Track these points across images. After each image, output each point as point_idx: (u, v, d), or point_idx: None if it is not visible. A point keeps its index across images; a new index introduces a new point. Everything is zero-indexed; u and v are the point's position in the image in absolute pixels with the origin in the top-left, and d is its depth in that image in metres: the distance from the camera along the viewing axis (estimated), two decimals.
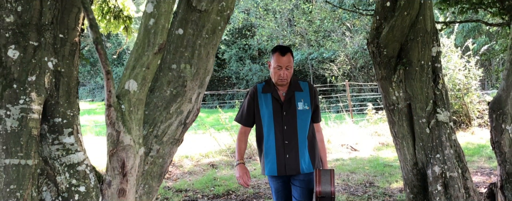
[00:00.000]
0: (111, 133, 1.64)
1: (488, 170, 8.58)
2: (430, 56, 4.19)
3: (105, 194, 1.71)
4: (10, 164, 1.96)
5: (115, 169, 1.67)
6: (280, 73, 4.00)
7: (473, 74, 14.25)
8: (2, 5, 1.98)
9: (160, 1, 1.68)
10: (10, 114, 1.98)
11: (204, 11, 1.88)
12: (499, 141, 4.38)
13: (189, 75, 1.90)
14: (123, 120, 1.66)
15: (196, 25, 1.90)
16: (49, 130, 2.10)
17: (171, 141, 1.94)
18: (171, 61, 1.89)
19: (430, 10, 4.19)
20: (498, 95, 4.37)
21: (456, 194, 4.04)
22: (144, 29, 1.70)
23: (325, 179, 3.81)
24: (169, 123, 1.90)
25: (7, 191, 1.95)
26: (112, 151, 1.66)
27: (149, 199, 1.93)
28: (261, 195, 7.37)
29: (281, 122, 4.07)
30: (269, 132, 4.10)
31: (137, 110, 1.73)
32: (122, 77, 1.73)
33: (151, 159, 1.90)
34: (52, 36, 2.07)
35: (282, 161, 4.07)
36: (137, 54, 1.72)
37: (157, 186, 1.96)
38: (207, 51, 1.93)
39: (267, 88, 4.16)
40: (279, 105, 4.11)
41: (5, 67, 1.99)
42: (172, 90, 1.89)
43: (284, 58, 3.98)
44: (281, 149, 4.07)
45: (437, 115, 4.14)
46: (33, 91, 2.00)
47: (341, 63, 25.87)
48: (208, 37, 1.92)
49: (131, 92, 1.71)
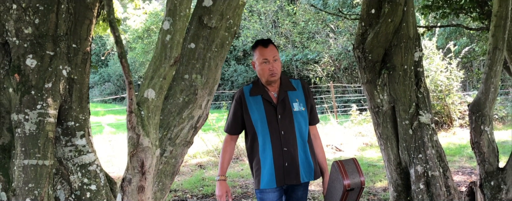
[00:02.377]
0: (131, 136, 1.82)
1: (469, 169, 8.83)
2: (413, 61, 4.39)
3: (126, 191, 1.89)
4: (28, 164, 2.12)
5: (135, 168, 1.85)
6: (269, 67, 3.54)
7: (454, 76, 14.52)
8: (21, 18, 2.14)
9: (176, 19, 1.87)
10: (29, 118, 2.14)
11: (214, 28, 2.08)
12: (478, 141, 4.60)
13: (200, 84, 2.10)
14: (142, 125, 1.84)
15: (207, 40, 2.10)
16: (63, 133, 2.27)
17: (183, 143, 2.13)
18: (183, 72, 2.08)
19: (412, 17, 4.40)
20: (477, 98, 4.59)
21: (437, 192, 4.25)
22: (161, 44, 1.89)
23: (351, 169, 3.33)
24: (181, 127, 2.09)
25: (26, 189, 2.12)
26: (133, 152, 1.84)
27: (162, 195, 2.12)
28: (249, 195, 7.53)
29: (277, 127, 3.59)
30: (264, 139, 3.61)
31: (155, 115, 1.92)
32: (141, 86, 1.91)
33: (165, 159, 2.09)
34: (66, 46, 2.25)
35: (280, 171, 3.61)
36: (155, 66, 1.91)
37: (169, 184, 2.15)
38: (216, 63, 2.13)
39: (255, 90, 3.66)
40: (272, 107, 3.61)
41: (24, 75, 2.15)
42: (185, 98, 2.08)
43: (268, 50, 3.54)
44: (279, 157, 3.59)
45: (420, 116, 4.34)
46: (49, 97, 2.17)
47: (325, 64, 26.10)
48: (217, 51, 2.12)
49: (150, 100, 1.89)
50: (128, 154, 1.87)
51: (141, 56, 31.99)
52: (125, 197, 1.89)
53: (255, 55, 3.60)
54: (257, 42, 3.61)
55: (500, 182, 4.52)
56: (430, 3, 6.79)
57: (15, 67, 2.16)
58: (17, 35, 2.15)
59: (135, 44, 32.66)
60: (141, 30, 31.19)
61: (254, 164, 3.72)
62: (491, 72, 4.50)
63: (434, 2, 6.81)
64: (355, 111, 14.25)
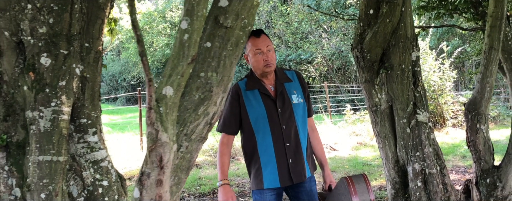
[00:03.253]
0: (151, 131, 1.88)
1: (463, 168, 8.93)
2: (410, 60, 4.47)
3: (144, 184, 1.94)
4: (43, 161, 2.17)
5: (154, 162, 1.91)
6: (264, 58, 3.34)
7: (447, 76, 14.65)
8: (36, 18, 2.19)
9: (193, 19, 1.93)
10: (43, 115, 2.19)
11: (229, 27, 2.15)
12: (474, 139, 4.69)
13: (215, 82, 2.16)
14: (161, 121, 1.90)
15: (222, 39, 2.16)
16: (76, 130, 2.32)
17: (198, 138, 2.19)
18: (199, 70, 2.15)
19: (410, 18, 4.48)
20: (473, 97, 4.68)
21: (435, 189, 4.34)
22: (179, 43, 1.95)
23: (360, 187, 3.19)
24: (197, 123, 2.15)
25: (41, 185, 2.17)
26: (152, 147, 1.90)
27: (178, 190, 2.18)
28: (246, 193, 7.60)
29: (277, 121, 3.39)
30: (264, 136, 3.41)
31: (172, 112, 1.98)
32: (160, 84, 1.97)
33: (181, 154, 2.15)
34: (79, 45, 2.30)
35: (284, 169, 3.39)
36: (173, 64, 1.97)
37: (185, 178, 2.21)
38: (231, 61, 2.20)
39: (251, 84, 3.45)
40: (271, 101, 3.42)
41: (38, 73, 2.20)
42: (200, 95, 2.14)
43: (260, 39, 3.34)
44: (282, 153, 3.39)
45: (417, 115, 4.42)
46: (63, 95, 2.22)
47: (318, 64, 26.21)
48: (232, 49, 2.19)
49: (168, 97, 1.95)
50: (147, 148, 1.93)
51: (134, 56, 32.00)
52: (144, 191, 1.95)
53: (247, 47, 3.40)
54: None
55: (496, 179, 4.61)
56: (426, 4, 6.88)
57: (30, 66, 2.21)
58: (32, 34, 2.20)
59: (128, 45, 32.68)
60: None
61: (253, 163, 3.50)
62: (487, 72, 4.58)
63: (429, 2, 6.90)
64: (349, 110, 14.35)
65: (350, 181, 3.21)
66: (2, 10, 2.19)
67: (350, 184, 3.20)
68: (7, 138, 2.27)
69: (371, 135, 12.57)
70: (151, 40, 31.58)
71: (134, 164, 9.80)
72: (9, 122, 2.27)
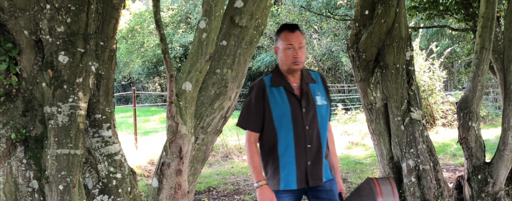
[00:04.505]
0: (171, 124, 1.99)
1: (453, 166, 9.07)
2: (404, 60, 4.61)
3: (165, 174, 2.06)
4: (61, 154, 2.28)
5: (174, 153, 2.03)
6: (294, 54, 3.15)
7: (437, 76, 14.78)
8: (54, 17, 2.30)
9: (211, 19, 2.06)
10: (61, 110, 2.30)
11: (244, 27, 2.28)
12: (466, 137, 4.83)
13: (230, 78, 2.29)
14: (181, 114, 2.01)
15: (237, 38, 2.29)
16: (91, 125, 2.44)
17: (213, 131, 2.32)
18: (215, 67, 2.27)
19: (404, 18, 4.61)
20: (465, 95, 4.81)
21: (428, 185, 4.47)
22: (198, 41, 2.07)
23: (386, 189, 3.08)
24: (213, 117, 2.28)
25: (59, 177, 2.28)
26: (172, 139, 2.01)
27: (194, 179, 2.30)
28: (241, 191, 7.69)
29: (301, 121, 3.23)
30: (286, 135, 3.23)
31: (191, 106, 2.10)
32: (179, 79, 2.09)
33: (197, 146, 2.27)
34: (95, 44, 2.41)
35: (302, 170, 3.24)
36: (192, 61, 2.09)
37: (200, 169, 2.33)
38: (245, 58, 2.33)
39: (277, 81, 3.26)
40: (296, 100, 3.25)
41: (56, 71, 2.31)
42: (216, 90, 2.27)
43: (294, 35, 3.17)
44: (302, 154, 3.23)
45: (411, 113, 4.55)
46: (80, 91, 2.33)
47: (309, 65, 26.33)
48: (246, 48, 2.32)
49: (187, 92, 2.07)
50: (167, 140, 2.05)
51: (125, 56, 31.96)
52: (164, 179, 2.07)
53: (279, 41, 3.20)
54: (282, 27, 3.23)
55: (487, 175, 4.74)
56: (417, 5, 7.02)
57: (48, 63, 2.32)
58: (50, 33, 2.31)
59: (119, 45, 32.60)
60: (125, 31, 31.18)
61: (270, 163, 3.32)
62: (478, 71, 4.72)
63: (421, 3, 7.04)
64: (340, 110, 14.48)
65: (376, 182, 3.11)
66: (21, 10, 2.30)
67: (376, 185, 3.09)
68: (26, 133, 2.38)
69: (362, 134, 12.72)
70: (142, 40, 31.59)
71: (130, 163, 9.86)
72: (27, 117, 2.38)
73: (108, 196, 2.44)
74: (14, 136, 2.36)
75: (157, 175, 2.10)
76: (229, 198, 7.31)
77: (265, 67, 28.31)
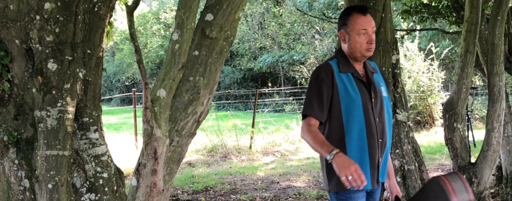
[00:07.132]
0: (146, 128, 2.16)
1: (449, 166, 9.16)
2: (390, 63, 4.73)
3: (141, 173, 2.22)
4: (50, 155, 2.45)
5: (149, 154, 2.19)
6: (368, 40, 2.76)
7: (436, 77, 14.82)
8: (43, 27, 2.47)
9: (183, 31, 2.22)
10: (50, 114, 2.47)
11: (214, 38, 2.44)
12: (451, 138, 4.96)
13: (202, 85, 2.45)
14: (155, 118, 2.18)
15: (208, 48, 2.45)
16: (79, 127, 2.61)
17: (187, 134, 2.48)
18: (189, 75, 2.43)
19: (390, 23, 4.74)
20: (450, 97, 4.95)
21: (413, 184, 4.60)
22: (171, 52, 2.24)
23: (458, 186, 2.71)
24: (186, 121, 2.44)
25: (48, 176, 2.45)
26: (147, 141, 2.18)
27: (170, 178, 2.46)
28: (238, 191, 7.82)
29: (371, 112, 2.80)
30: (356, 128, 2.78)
31: (165, 111, 2.26)
32: (154, 87, 2.26)
33: (172, 148, 2.43)
34: (82, 52, 2.58)
35: (375, 168, 2.81)
36: (166, 70, 2.26)
37: (176, 169, 2.49)
38: (216, 67, 2.49)
39: (345, 66, 2.83)
40: (365, 89, 2.82)
41: (46, 77, 2.48)
42: (189, 96, 2.43)
43: (367, 18, 2.77)
44: (375, 150, 2.78)
45: (397, 115, 4.68)
46: (68, 97, 2.49)
47: (311, 65, 26.43)
48: (217, 57, 2.48)
49: (161, 98, 2.23)
50: (143, 142, 2.22)
51: (129, 57, 32.12)
52: (140, 179, 2.23)
53: (350, 25, 2.77)
54: (352, 8, 2.83)
55: (472, 175, 4.88)
56: (409, 9, 7.15)
57: (38, 70, 2.49)
58: (40, 42, 2.48)
59: (123, 46, 32.78)
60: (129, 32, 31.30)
61: None
62: (463, 74, 4.86)
63: (413, 7, 7.17)
64: None
65: (446, 180, 2.74)
66: (13, 20, 2.46)
67: (446, 183, 2.72)
68: (17, 135, 2.55)
69: None
70: (145, 41, 31.76)
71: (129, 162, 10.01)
72: (19, 120, 2.55)
73: (95, 194, 2.61)
74: (7, 138, 2.53)
75: (136, 175, 2.26)
76: (225, 197, 7.44)
77: (267, 68, 28.42)
